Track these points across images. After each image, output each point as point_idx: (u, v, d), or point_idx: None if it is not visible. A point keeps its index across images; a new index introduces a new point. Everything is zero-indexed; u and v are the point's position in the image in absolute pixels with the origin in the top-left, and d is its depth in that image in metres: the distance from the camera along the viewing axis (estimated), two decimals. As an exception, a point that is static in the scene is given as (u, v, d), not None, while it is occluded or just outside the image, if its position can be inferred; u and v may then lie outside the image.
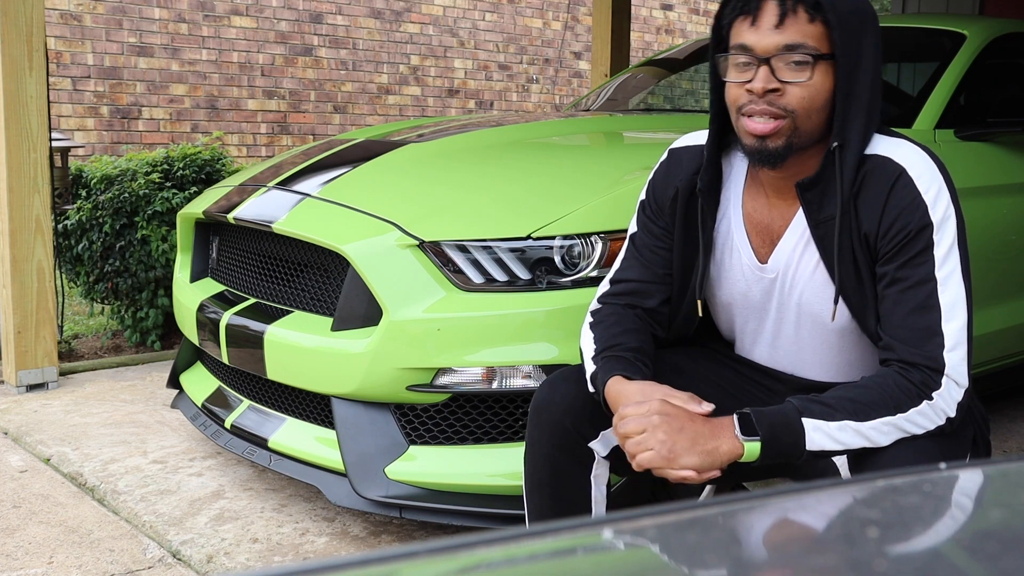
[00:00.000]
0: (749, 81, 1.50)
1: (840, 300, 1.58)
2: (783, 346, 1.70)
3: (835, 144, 1.51)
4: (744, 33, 1.52)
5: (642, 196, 1.78)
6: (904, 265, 1.49)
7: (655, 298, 1.72)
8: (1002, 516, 0.68)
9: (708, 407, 1.49)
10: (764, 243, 1.65)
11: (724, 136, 1.66)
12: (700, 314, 1.70)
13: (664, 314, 1.74)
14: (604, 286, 1.77)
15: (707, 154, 1.65)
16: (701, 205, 1.65)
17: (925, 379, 1.45)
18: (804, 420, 1.44)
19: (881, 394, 1.45)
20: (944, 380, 1.45)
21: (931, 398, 1.45)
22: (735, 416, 1.45)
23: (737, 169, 1.68)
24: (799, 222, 1.60)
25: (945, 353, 1.46)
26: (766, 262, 1.64)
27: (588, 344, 1.67)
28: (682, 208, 1.68)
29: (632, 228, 1.78)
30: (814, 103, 1.50)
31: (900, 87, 4.22)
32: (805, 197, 1.56)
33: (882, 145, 1.55)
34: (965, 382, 1.47)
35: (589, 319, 1.73)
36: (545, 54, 9.66)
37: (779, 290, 1.65)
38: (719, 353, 1.81)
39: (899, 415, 1.45)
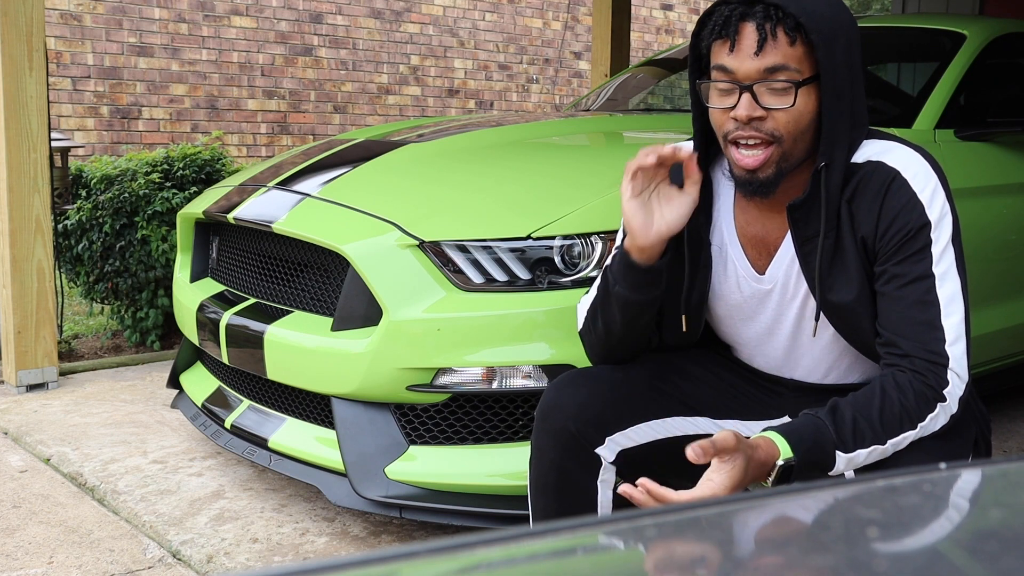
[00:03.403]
0: (732, 107, 1.48)
1: (823, 316, 1.58)
2: (780, 354, 1.70)
3: (822, 164, 1.50)
4: (724, 58, 1.49)
5: None
6: (902, 262, 1.48)
7: None
8: (1002, 516, 0.68)
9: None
10: (760, 255, 1.64)
11: (709, 151, 1.64)
12: (684, 329, 1.68)
13: (655, 323, 1.73)
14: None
15: None
16: (692, 222, 1.63)
17: (939, 380, 1.44)
18: (837, 454, 1.41)
19: (903, 407, 1.43)
20: (950, 375, 1.45)
21: (944, 399, 1.45)
22: (777, 469, 1.36)
23: (726, 184, 1.67)
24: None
25: (947, 347, 1.45)
26: (763, 273, 1.64)
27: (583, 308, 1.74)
28: None
29: (620, 238, 1.75)
30: (800, 126, 1.48)
31: (900, 87, 4.21)
32: (793, 217, 1.55)
33: (874, 149, 1.53)
34: (966, 376, 1.47)
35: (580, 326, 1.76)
36: (545, 54, 9.66)
37: (777, 300, 1.64)
38: (721, 355, 1.81)
39: (919, 424, 1.44)
